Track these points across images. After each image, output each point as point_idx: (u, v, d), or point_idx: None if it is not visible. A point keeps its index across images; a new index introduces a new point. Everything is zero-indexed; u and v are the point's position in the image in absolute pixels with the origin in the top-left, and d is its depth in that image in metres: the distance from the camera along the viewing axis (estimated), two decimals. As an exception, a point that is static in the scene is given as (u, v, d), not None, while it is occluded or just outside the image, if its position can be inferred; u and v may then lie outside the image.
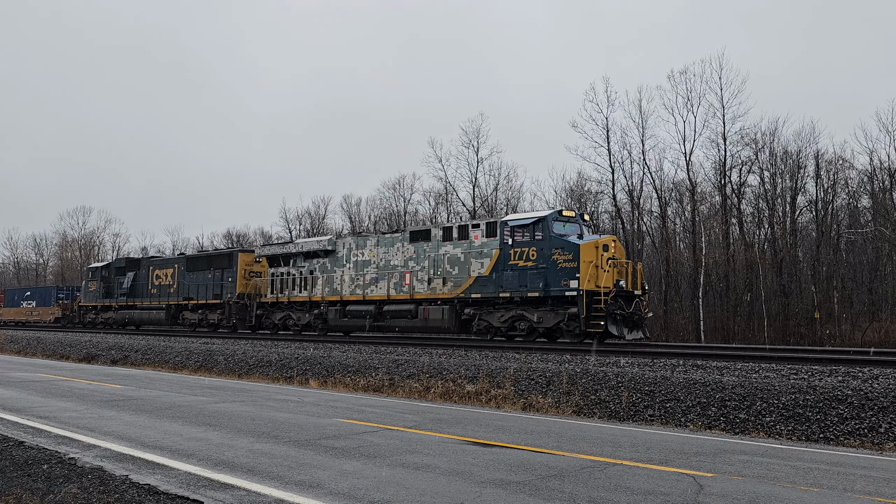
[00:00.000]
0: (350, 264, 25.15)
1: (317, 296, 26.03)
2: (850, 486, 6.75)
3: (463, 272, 21.48)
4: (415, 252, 23.08)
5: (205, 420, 10.50)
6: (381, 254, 24.14)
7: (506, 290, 20.22)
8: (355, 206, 60.40)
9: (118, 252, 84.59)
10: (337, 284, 25.38)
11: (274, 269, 28.26)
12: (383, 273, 23.85)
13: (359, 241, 25.35)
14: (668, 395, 12.01)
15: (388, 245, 24.01)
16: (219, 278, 31.24)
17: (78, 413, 11.20)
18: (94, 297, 40.34)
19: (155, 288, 35.15)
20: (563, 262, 19.09)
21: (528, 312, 20.10)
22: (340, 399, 13.91)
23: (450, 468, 7.21)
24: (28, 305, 50.41)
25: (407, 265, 23.21)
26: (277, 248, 29.01)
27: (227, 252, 32.51)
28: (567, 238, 19.53)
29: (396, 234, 24.21)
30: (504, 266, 20.37)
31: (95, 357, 25.16)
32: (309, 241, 27.40)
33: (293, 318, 27.38)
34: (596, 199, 41.33)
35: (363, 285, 24.44)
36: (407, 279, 22.99)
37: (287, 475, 6.77)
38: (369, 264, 24.48)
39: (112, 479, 6.52)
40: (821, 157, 35.96)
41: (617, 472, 7.12)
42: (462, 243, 21.76)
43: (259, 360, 19.86)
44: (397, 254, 23.63)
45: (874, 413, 10.10)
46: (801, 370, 12.55)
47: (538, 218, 20.06)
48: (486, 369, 14.87)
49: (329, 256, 25.99)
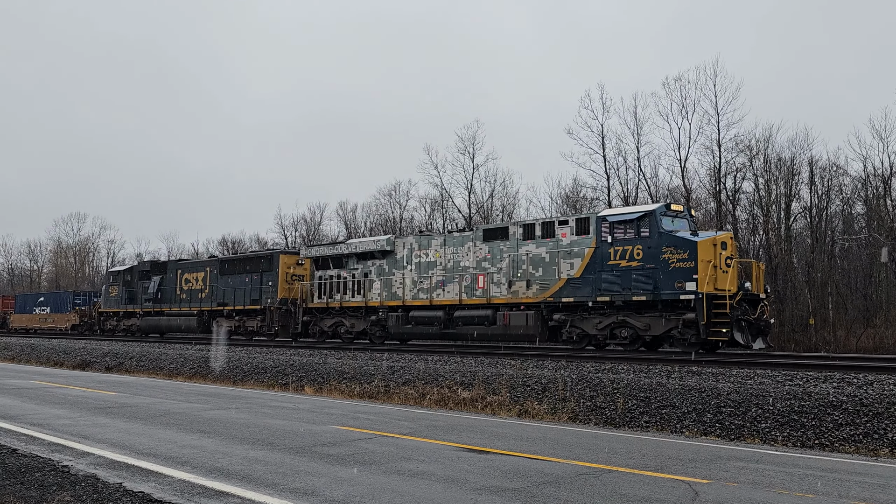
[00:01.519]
0: (412, 266, 23.26)
1: (374, 300, 24.11)
2: (845, 493, 6.76)
3: (549, 274, 19.62)
4: (489, 252, 21.21)
5: (199, 427, 10.46)
6: (450, 254, 22.29)
7: (604, 293, 18.26)
8: (351, 212, 60.39)
9: (113, 258, 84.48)
10: (397, 288, 23.53)
11: (321, 272, 26.40)
12: (452, 275, 21.99)
13: (422, 241, 23.46)
14: (663, 401, 12.02)
15: (458, 245, 22.14)
16: (257, 282, 29.01)
17: (72, 420, 11.15)
18: (115, 302, 37.94)
19: (184, 293, 32.91)
20: (677, 262, 17.14)
21: (631, 318, 18.06)
22: (336, 406, 13.88)
23: (445, 475, 7.19)
24: (42, 312, 47.68)
25: (480, 266, 21.36)
26: (327, 249, 26.87)
27: (266, 254, 30.08)
28: (679, 234, 17.58)
29: (467, 233, 22.36)
30: (601, 266, 18.46)
31: (90, 364, 25.07)
32: (364, 242, 25.54)
33: (346, 325, 25.33)
34: (591, 205, 41.37)
35: (428, 289, 22.62)
36: (481, 282, 21.20)
37: (282, 482, 6.74)
38: (435, 266, 22.59)
39: (106, 486, 6.49)
40: (815, 164, 36.12)
41: (612, 479, 7.12)
42: (547, 242, 19.86)
43: (254, 366, 19.81)
44: (468, 254, 21.77)
45: (869, 419, 10.12)
46: (796, 376, 12.56)
47: (644, 212, 18.04)
48: (481, 376, 14.86)
49: (387, 257, 24.12)
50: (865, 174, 35.49)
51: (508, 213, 47.06)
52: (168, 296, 33.88)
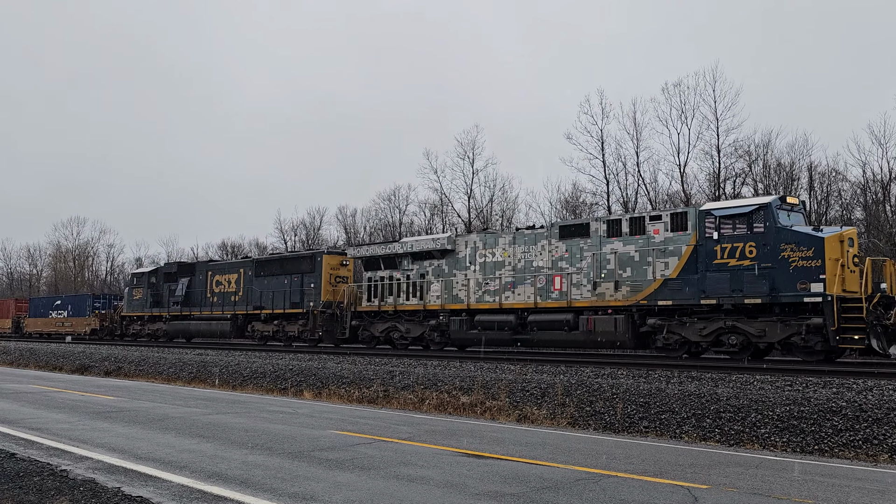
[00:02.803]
0: (476, 266, 21.95)
1: (433, 303, 22.67)
2: (844, 499, 6.75)
3: (639, 274, 18.20)
4: (567, 250, 19.79)
5: (198, 432, 10.45)
6: (520, 253, 20.88)
7: (710, 295, 16.68)
8: (350, 217, 60.59)
9: (112, 262, 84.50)
10: (458, 290, 22.18)
11: (371, 273, 25.04)
12: (523, 276, 20.63)
13: (488, 239, 22.04)
14: (662, 406, 12.01)
15: (530, 243, 20.74)
16: (297, 284, 27.41)
17: (70, 425, 11.14)
18: (139, 306, 36.21)
19: (215, 296, 31.29)
20: (799, 260, 15.54)
21: (742, 323, 16.45)
22: (335, 410, 13.86)
23: (444, 480, 7.19)
24: (59, 315, 45.73)
25: (556, 266, 19.93)
26: (378, 249, 25.33)
27: (308, 254, 28.61)
28: (800, 230, 16.06)
29: (540, 230, 20.92)
30: (706, 265, 16.92)
31: (89, 368, 25.05)
32: (421, 240, 24.10)
33: (400, 330, 23.87)
34: (591, 210, 41.45)
35: (495, 291, 21.23)
36: (557, 283, 19.77)
37: (280, 487, 6.73)
38: (503, 266, 21.23)
39: (104, 491, 6.48)
40: (814, 169, 36.26)
41: (611, 485, 7.11)
42: (636, 239, 18.47)
43: (253, 371, 19.79)
44: (542, 253, 20.33)
45: (868, 425, 10.10)
46: (796, 382, 12.56)
47: (758, 205, 16.46)
48: (480, 381, 14.85)
49: (446, 257, 22.80)
50: (865, 179, 35.59)
51: (508, 218, 47.15)
52: (197, 299, 32.25)
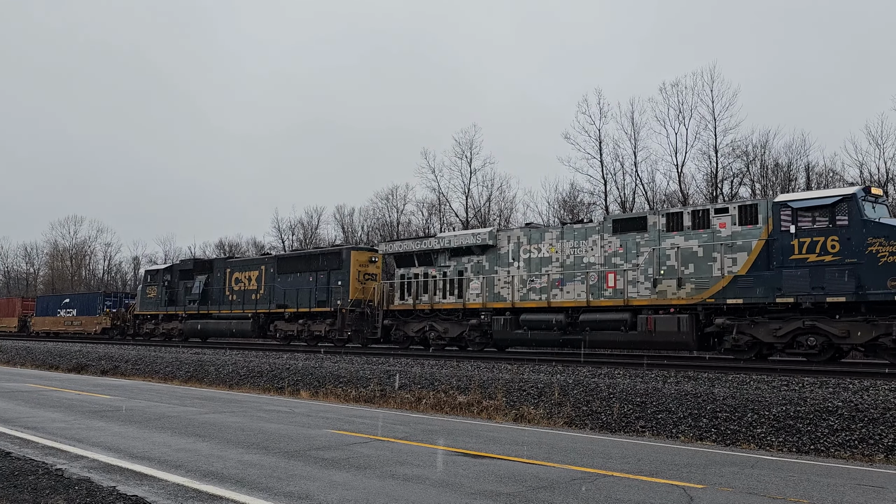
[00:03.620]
0: (519, 262, 20.90)
1: (474, 302, 21.67)
2: (840, 498, 6.76)
3: (704, 271, 17.20)
4: (621, 245, 18.83)
5: (194, 431, 10.44)
6: (569, 248, 19.90)
7: (786, 293, 15.68)
8: (348, 216, 60.60)
9: (110, 261, 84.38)
10: (501, 287, 21.20)
11: (404, 270, 23.99)
12: (572, 273, 19.65)
13: (532, 234, 21.03)
14: (659, 406, 12.02)
15: (580, 237, 19.77)
16: (323, 282, 26.41)
17: (66, 424, 11.11)
18: (153, 304, 34.97)
19: (234, 294, 30.27)
20: (889, 256, 14.60)
21: (823, 323, 15.50)
22: (331, 410, 13.85)
23: (440, 479, 7.18)
24: (67, 314, 44.49)
25: (609, 262, 19.01)
26: (412, 245, 24.20)
27: (334, 250, 27.59)
28: (888, 222, 15.08)
29: (591, 224, 20.05)
30: (781, 261, 15.88)
31: (85, 367, 25.00)
32: (459, 235, 23.17)
33: (437, 330, 22.78)
34: (588, 210, 41.48)
35: (542, 288, 20.20)
36: (611, 280, 18.81)
37: (276, 486, 6.73)
38: (550, 262, 20.24)
39: (99, 490, 6.46)
40: (811, 170, 36.33)
41: (607, 484, 7.11)
42: (700, 233, 17.48)
43: (250, 370, 19.77)
44: (594, 248, 19.39)
45: (864, 424, 10.13)
46: (792, 382, 12.59)
47: (841, 196, 15.44)
48: (477, 380, 14.85)
49: (487, 253, 21.78)
50: (862, 180, 35.58)
51: (505, 217, 47.15)
52: (215, 297, 31.18)
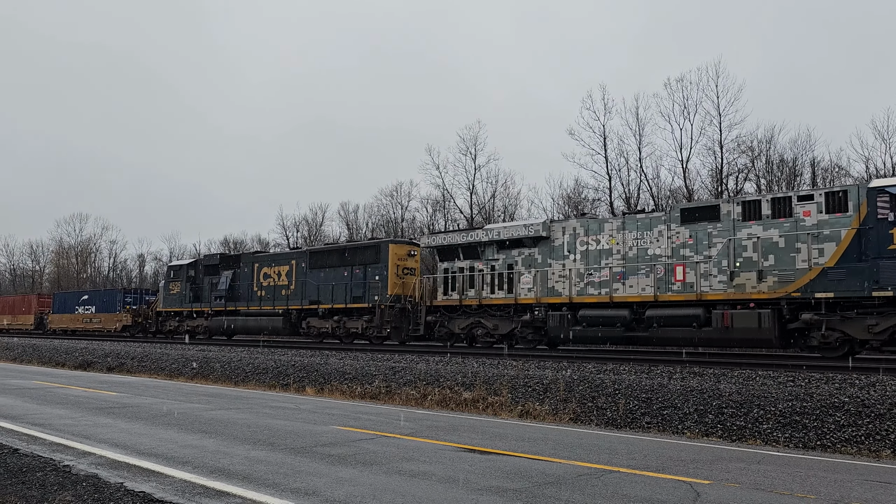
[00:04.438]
0: (576, 255, 19.93)
1: (526, 297, 20.63)
2: (846, 494, 6.74)
3: (786, 262, 16.22)
4: (691, 236, 17.81)
5: (200, 427, 10.47)
6: (631, 240, 18.92)
7: (885, 286, 14.64)
8: (353, 213, 60.63)
9: (115, 259, 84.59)
10: (555, 282, 20.19)
11: (447, 264, 22.99)
12: (636, 266, 18.66)
13: (590, 225, 20.01)
14: (665, 402, 12.01)
15: (643, 228, 18.77)
16: (360, 277, 25.45)
17: (73, 420, 11.16)
18: (177, 301, 33.88)
19: (262, 290, 29.16)
20: None
21: None
22: (337, 406, 13.88)
23: (446, 475, 7.19)
24: (86, 312, 43.26)
25: (678, 254, 17.97)
26: (457, 237, 23.12)
27: (372, 243, 26.41)
28: None
29: (656, 214, 19.01)
30: (877, 251, 14.90)
31: (91, 364, 25.10)
32: (509, 227, 22.07)
33: (485, 327, 21.79)
34: (593, 206, 41.40)
35: (601, 282, 19.21)
36: (679, 273, 17.75)
37: (283, 482, 6.74)
38: (610, 254, 19.27)
39: (107, 486, 6.49)
40: (817, 165, 36.22)
41: (613, 480, 7.11)
42: (780, 222, 16.47)
43: (256, 367, 19.82)
44: (660, 239, 18.37)
45: (871, 420, 10.10)
46: (798, 377, 12.56)
47: None
48: (482, 376, 14.85)
49: (539, 245, 20.80)
50: (868, 175, 35.49)
51: (510, 213, 47.09)
52: (243, 293, 30.08)
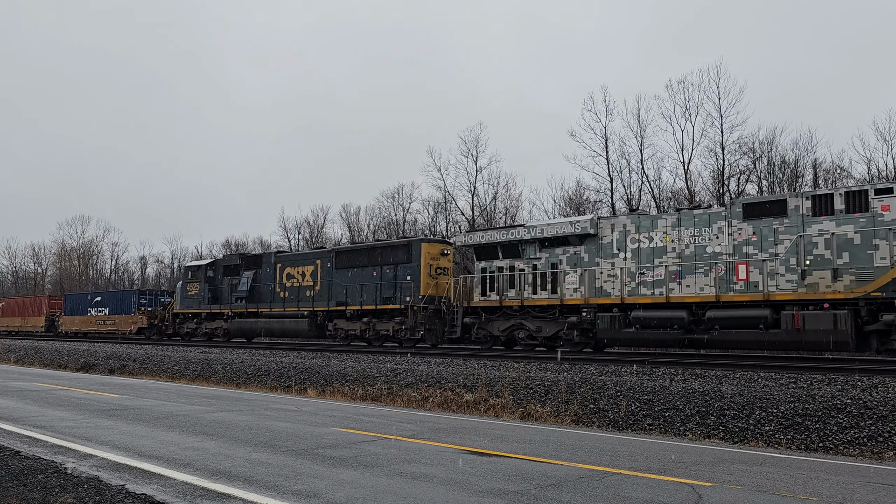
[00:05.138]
0: (626, 253, 19.18)
1: (573, 297, 19.74)
2: (849, 496, 6.73)
3: (863, 260, 15.53)
4: (754, 233, 17.10)
5: (202, 429, 10.47)
6: (688, 237, 18.17)
7: None
8: (354, 215, 60.68)
9: (117, 261, 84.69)
10: (604, 281, 19.42)
11: (485, 263, 22.15)
12: (693, 264, 17.91)
13: (642, 221, 19.23)
14: (666, 404, 11.99)
15: (701, 224, 17.99)
16: (390, 277, 24.64)
17: (75, 422, 11.16)
18: (194, 302, 32.94)
19: (285, 290, 28.40)
20: None
21: None
22: (338, 408, 13.87)
23: (447, 477, 7.18)
24: (99, 313, 42.52)
25: (740, 252, 17.27)
26: (497, 235, 22.19)
27: (403, 242, 25.42)
28: None
29: (715, 210, 18.29)
30: None
31: (93, 366, 25.11)
32: (553, 224, 21.22)
33: (528, 329, 20.82)
34: (595, 207, 41.39)
35: (655, 282, 18.44)
36: (741, 272, 17.07)
37: (284, 484, 6.74)
38: (664, 252, 18.51)
39: (108, 488, 6.49)
40: (819, 167, 36.16)
41: (615, 482, 7.10)
42: (856, 218, 15.81)
43: (257, 369, 19.82)
44: (720, 236, 17.66)
45: (873, 422, 10.08)
46: (800, 379, 12.54)
47: None
48: (484, 378, 14.84)
49: (585, 243, 20.01)
50: (870, 176, 35.46)
51: (511, 215, 47.07)
52: (265, 294, 29.37)
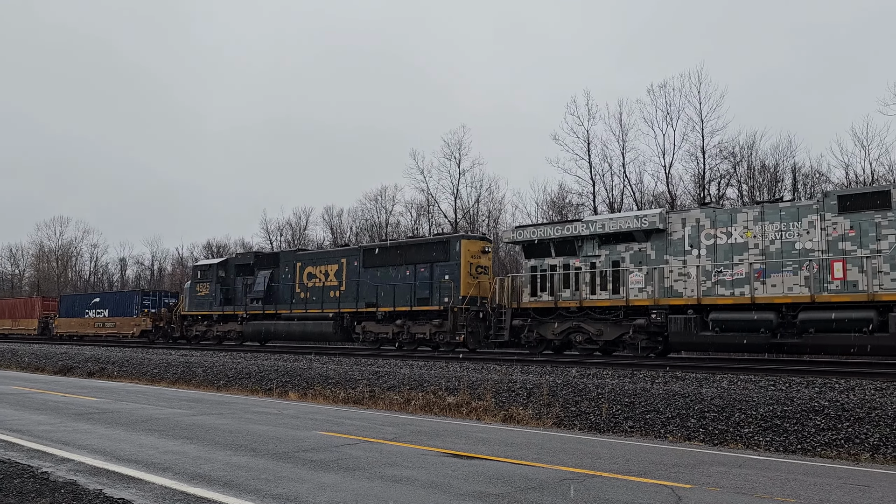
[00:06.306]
0: (700, 249, 17.96)
1: (639, 298, 18.53)
2: (826, 497, 6.80)
3: None
4: (852, 227, 16.00)
5: (182, 433, 10.37)
6: (773, 232, 17.05)
7: None
8: (337, 217, 60.58)
9: (96, 263, 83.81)
10: (674, 280, 18.22)
11: (536, 261, 20.83)
12: (779, 262, 16.77)
13: (719, 216, 17.99)
14: (647, 406, 12.06)
15: (789, 219, 16.87)
16: (426, 276, 23.12)
17: (52, 426, 11.02)
18: (205, 303, 31.26)
19: (307, 291, 27.00)
20: None
21: None
22: (320, 411, 13.81)
23: (429, 481, 7.17)
24: (98, 315, 40.79)
25: (835, 249, 16.18)
26: (550, 230, 20.75)
27: (441, 239, 23.96)
28: None
29: (805, 203, 17.10)
30: None
31: (71, 369, 24.81)
32: (616, 218, 19.72)
33: (587, 332, 19.47)
34: (577, 210, 41.61)
35: (735, 281, 17.29)
36: (838, 270, 16.00)
37: (264, 488, 6.70)
38: (744, 249, 17.38)
39: (85, 493, 6.41)
40: (798, 171, 36.61)
41: (596, 484, 7.12)
42: None
43: (238, 371, 19.68)
44: (811, 231, 16.54)
45: (850, 424, 10.20)
46: (779, 381, 12.67)
47: None
48: (466, 381, 14.85)
49: (653, 239, 18.74)
50: (847, 181, 35.95)
51: (494, 218, 47.25)
52: (283, 295, 27.91)
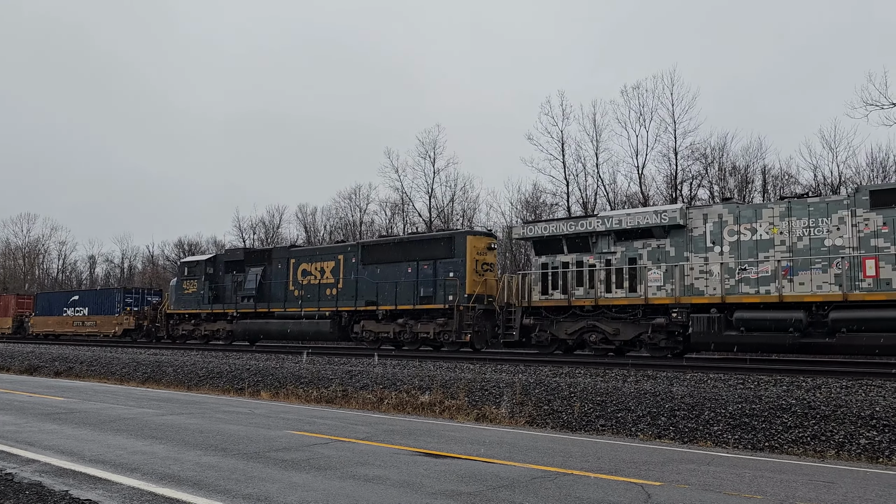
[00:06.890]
0: (723, 246, 17.46)
1: (658, 296, 17.96)
2: (792, 493, 6.92)
3: None
4: (885, 223, 15.51)
5: (151, 433, 10.25)
6: (800, 228, 16.53)
7: None
8: (311, 215, 60.23)
9: (64, 260, 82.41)
10: (695, 278, 17.67)
11: (548, 258, 20.13)
12: (808, 259, 16.28)
13: (742, 211, 17.51)
14: (619, 405, 12.17)
15: (818, 214, 16.37)
16: (429, 273, 22.44)
17: (17, 427, 10.82)
18: (192, 302, 30.19)
19: (301, 289, 26.12)
20: None
21: None
22: (292, 411, 13.73)
23: (401, 480, 7.16)
24: (77, 314, 39.49)
25: (867, 245, 15.68)
26: (563, 226, 19.88)
27: (444, 235, 23.31)
28: None
29: (835, 198, 16.66)
30: None
31: (38, 368, 24.38)
32: (633, 214, 19.17)
33: (603, 331, 18.83)
34: (551, 210, 41.85)
35: (761, 279, 16.75)
36: (870, 268, 15.53)
37: (234, 488, 6.64)
38: (770, 245, 16.86)
39: (51, 494, 6.30)
40: (768, 173, 37.23)
41: (567, 482, 7.17)
42: None
43: (209, 371, 19.48)
44: (841, 227, 16.02)
45: (816, 422, 10.39)
46: (748, 380, 12.87)
47: None
48: (439, 380, 14.86)
49: (672, 235, 18.16)
50: (816, 183, 36.58)
51: (469, 217, 47.30)
52: (276, 292, 27.03)
